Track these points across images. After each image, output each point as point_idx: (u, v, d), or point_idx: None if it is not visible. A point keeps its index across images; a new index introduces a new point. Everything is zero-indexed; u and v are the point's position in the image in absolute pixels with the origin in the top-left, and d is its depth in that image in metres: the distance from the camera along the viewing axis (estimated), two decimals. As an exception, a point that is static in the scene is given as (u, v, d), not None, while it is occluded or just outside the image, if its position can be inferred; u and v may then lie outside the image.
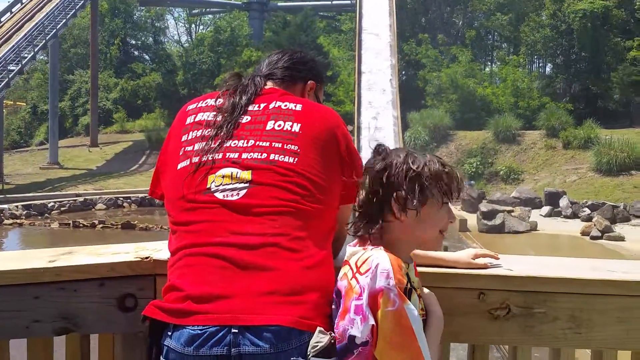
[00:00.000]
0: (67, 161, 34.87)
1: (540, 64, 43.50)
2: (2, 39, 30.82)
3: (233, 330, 1.62)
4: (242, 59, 38.40)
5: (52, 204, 24.33)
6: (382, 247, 1.74)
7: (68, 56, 47.15)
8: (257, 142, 1.87)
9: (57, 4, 33.55)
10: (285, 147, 1.86)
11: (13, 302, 1.92)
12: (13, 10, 34.17)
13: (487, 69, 44.27)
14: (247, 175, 1.82)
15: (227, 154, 1.86)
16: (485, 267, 1.98)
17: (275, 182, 1.81)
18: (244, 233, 1.74)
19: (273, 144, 1.87)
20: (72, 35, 47.04)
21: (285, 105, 1.96)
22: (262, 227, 1.75)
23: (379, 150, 1.85)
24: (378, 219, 1.79)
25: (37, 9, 33.65)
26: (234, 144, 1.88)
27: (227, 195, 1.80)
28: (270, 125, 1.91)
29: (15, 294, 1.92)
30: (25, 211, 23.13)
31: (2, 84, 28.07)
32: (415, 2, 44.31)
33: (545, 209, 22.77)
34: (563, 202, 22.70)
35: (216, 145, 1.87)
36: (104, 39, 46.16)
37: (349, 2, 41.59)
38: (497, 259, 2.03)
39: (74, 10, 34.35)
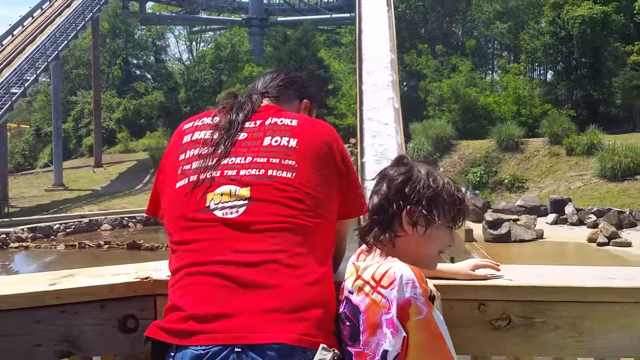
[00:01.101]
0: (72, 182, 34.95)
1: (541, 71, 43.54)
2: (4, 62, 30.98)
3: (236, 350, 1.62)
4: (243, 74, 38.57)
5: (57, 225, 24.35)
6: (397, 259, 1.75)
7: (70, 77, 47.43)
8: (255, 159, 1.87)
9: (58, 25, 33.71)
10: (282, 162, 1.86)
11: (14, 327, 1.91)
12: (14, 33, 34.38)
13: (488, 78, 44.33)
14: (245, 192, 1.81)
15: (225, 172, 1.86)
16: (485, 278, 1.97)
17: (274, 198, 1.81)
18: (244, 251, 1.74)
19: (270, 159, 1.87)
20: (74, 57, 47.34)
21: (281, 121, 1.96)
22: (262, 245, 1.75)
23: (403, 161, 1.87)
24: (388, 229, 1.81)
25: (38, 31, 33.84)
26: (232, 161, 1.88)
27: (226, 213, 1.79)
28: (267, 141, 1.91)
29: (16, 319, 1.91)
30: (31, 234, 23.15)
31: (6, 107, 28.13)
32: (414, 13, 44.48)
33: (551, 216, 22.67)
34: (568, 209, 22.59)
35: (214, 162, 1.87)
36: (105, 59, 46.44)
37: (348, 15, 41.79)
38: (498, 270, 2.01)
39: (75, 32, 34.49)
